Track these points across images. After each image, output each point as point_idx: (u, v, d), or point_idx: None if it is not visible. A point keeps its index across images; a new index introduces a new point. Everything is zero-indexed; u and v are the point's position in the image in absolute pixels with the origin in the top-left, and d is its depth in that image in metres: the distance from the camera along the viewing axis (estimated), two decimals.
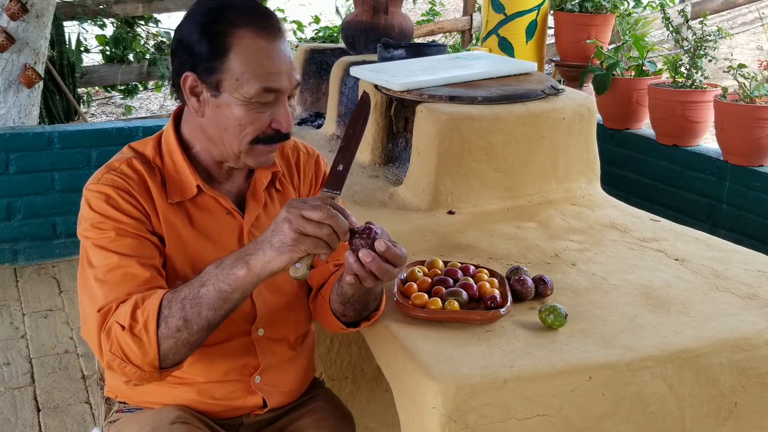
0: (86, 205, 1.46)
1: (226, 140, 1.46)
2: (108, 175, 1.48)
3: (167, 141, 1.54)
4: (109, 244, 1.42)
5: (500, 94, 2.36)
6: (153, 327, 1.32)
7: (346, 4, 7.89)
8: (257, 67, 1.41)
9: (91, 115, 7.26)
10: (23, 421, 2.78)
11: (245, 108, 1.42)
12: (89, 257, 1.44)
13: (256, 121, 1.44)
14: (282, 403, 1.67)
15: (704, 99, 3.63)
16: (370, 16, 3.26)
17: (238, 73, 1.41)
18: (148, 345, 1.33)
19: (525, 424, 1.42)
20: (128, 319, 1.34)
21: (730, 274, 1.86)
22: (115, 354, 1.36)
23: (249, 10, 1.43)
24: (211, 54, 1.41)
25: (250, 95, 1.41)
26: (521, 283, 1.70)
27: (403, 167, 2.52)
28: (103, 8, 6.28)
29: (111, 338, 1.36)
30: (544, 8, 4.15)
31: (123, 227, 1.44)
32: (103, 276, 1.41)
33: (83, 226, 1.46)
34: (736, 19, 8.54)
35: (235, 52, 1.40)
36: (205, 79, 1.43)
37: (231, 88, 1.42)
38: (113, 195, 1.45)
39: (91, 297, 1.41)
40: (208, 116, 1.46)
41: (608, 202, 2.37)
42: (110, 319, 1.37)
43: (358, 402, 2.35)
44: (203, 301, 1.33)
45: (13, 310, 3.62)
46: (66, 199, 4.13)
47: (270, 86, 1.42)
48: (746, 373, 1.58)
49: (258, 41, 1.41)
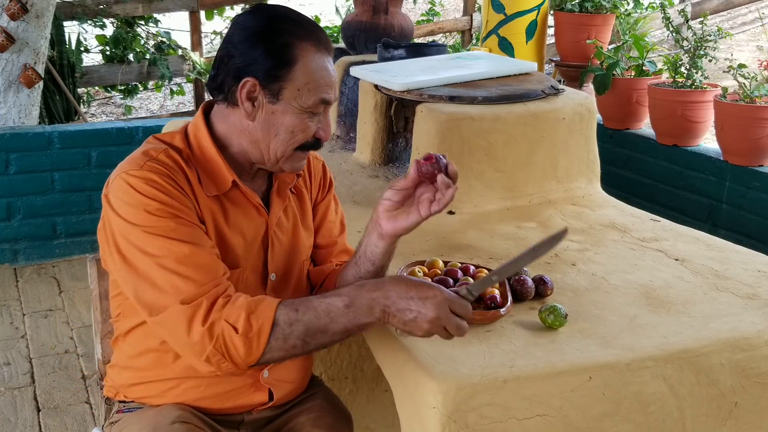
0: (131, 190, 1.44)
1: (273, 145, 1.52)
2: (150, 162, 1.47)
3: (198, 136, 1.56)
4: (170, 232, 1.42)
5: (500, 94, 2.36)
6: (266, 336, 1.38)
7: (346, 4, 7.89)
8: (318, 79, 1.49)
9: (91, 115, 7.27)
10: (23, 421, 2.78)
11: (299, 116, 1.50)
12: (142, 245, 1.42)
13: (307, 129, 1.52)
14: (286, 398, 1.69)
15: (704, 99, 3.63)
16: (370, 16, 3.26)
17: (301, 84, 1.48)
18: (256, 350, 1.39)
19: (525, 424, 1.42)
20: (243, 323, 1.38)
21: (730, 274, 1.86)
22: (218, 350, 1.38)
23: (305, 23, 1.52)
24: (277, 63, 1.48)
25: (308, 105, 1.49)
26: (521, 283, 1.70)
27: (403, 167, 2.52)
28: (103, 8, 6.28)
29: (216, 335, 1.38)
30: (544, 8, 4.15)
31: (179, 214, 1.44)
32: (174, 266, 1.40)
33: (133, 213, 1.43)
34: (736, 19, 8.54)
35: (301, 64, 1.48)
36: (266, 85, 1.49)
37: (290, 96, 1.49)
38: (162, 182, 1.45)
39: (163, 288, 1.40)
40: (260, 121, 1.51)
41: (608, 202, 2.37)
42: (213, 315, 1.38)
43: (358, 402, 2.35)
44: (328, 332, 1.41)
45: (13, 310, 3.62)
46: (66, 199, 4.13)
47: (325, 98, 1.51)
48: (746, 373, 1.58)
49: (319, 55, 1.50)
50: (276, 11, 1.52)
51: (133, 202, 1.43)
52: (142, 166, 1.46)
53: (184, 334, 1.39)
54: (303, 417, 1.70)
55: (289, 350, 1.41)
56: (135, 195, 1.43)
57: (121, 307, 1.60)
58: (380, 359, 1.61)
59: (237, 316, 1.38)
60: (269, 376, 1.64)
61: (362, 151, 2.67)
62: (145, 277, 1.42)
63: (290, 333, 1.39)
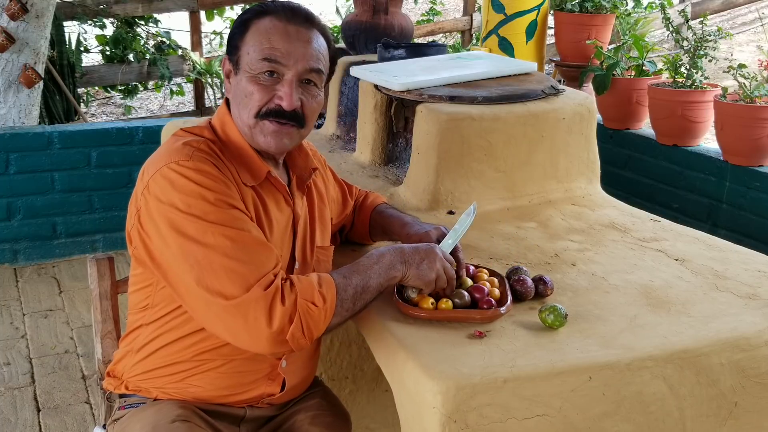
0: (184, 180, 1.44)
1: (241, 115, 1.56)
2: (197, 153, 1.49)
3: (225, 128, 1.59)
4: (228, 221, 1.43)
5: (500, 94, 2.36)
6: (332, 306, 1.46)
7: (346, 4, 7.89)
8: (263, 41, 1.53)
9: (91, 115, 7.27)
10: (23, 421, 2.78)
11: (252, 80, 1.53)
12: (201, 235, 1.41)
13: (258, 92, 1.53)
14: (292, 393, 1.72)
15: (704, 99, 3.63)
16: (370, 16, 3.26)
17: (249, 47, 1.53)
18: (326, 320, 1.46)
19: (525, 424, 1.42)
20: (318, 297, 1.44)
21: (730, 274, 1.86)
22: (298, 327, 1.42)
23: (282, 5, 1.58)
24: (234, 34, 1.57)
25: (256, 67, 1.52)
26: (521, 283, 1.70)
27: (403, 167, 2.52)
28: (103, 8, 6.28)
29: (298, 313, 1.42)
30: (544, 8, 4.15)
31: (233, 204, 1.47)
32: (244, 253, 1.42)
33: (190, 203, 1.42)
34: (736, 19, 8.54)
35: (252, 30, 1.54)
36: (231, 58, 1.57)
37: (244, 63, 1.54)
38: (214, 172, 1.47)
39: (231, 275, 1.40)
40: (232, 95, 1.58)
41: (608, 202, 2.37)
42: (289, 295, 1.42)
43: (358, 402, 2.35)
44: (369, 290, 1.51)
45: (13, 310, 3.62)
46: (66, 199, 4.14)
47: (269, 57, 1.51)
48: (746, 373, 1.58)
49: (274, 21, 1.54)
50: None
51: (189, 192, 1.43)
52: (191, 156, 1.47)
53: (264, 322, 1.39)
54: (301, 415, 1.72)
55: (345, 314, 1.49)
56: (189, 185, 1.44)
57: (150, 299, 1.59)
58: (380, 359, 1.61)
59: (312, 292, 1.44)
60: (286, 365, 1.67)
61: (362, 151, 2.67)
62: (210, 266, 1.41)
63: (346, 297, 1.48)
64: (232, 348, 1.56)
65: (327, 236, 1.80)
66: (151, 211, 1.46)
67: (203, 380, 1.59)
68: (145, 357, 1.62)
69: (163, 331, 1.59)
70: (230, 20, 7.59)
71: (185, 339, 1.57)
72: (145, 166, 1.53)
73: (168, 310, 1.57)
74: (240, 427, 1.66)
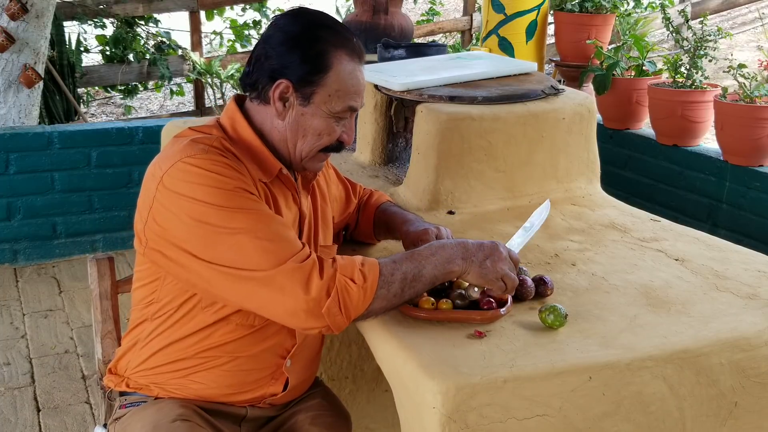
0: (203, 171, 1.46)
1: (299, 145, 1.60)
2: (212, 149, 1.51)
3: (237, 128, 1.60)
4: (253, 205, 1.47)
5: (500, 94, 2.36)
6: (374, 287, 1.46)
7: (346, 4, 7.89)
8: (349, 87, 1.57)
9: (91, 115, 7.27)
10: (23, 421, 2.78)
11: (326, 120, 1.58)
12: (227, 222, 1.43)
13: (333, 132, 1.59)
14: (294, 393, 1.73)
15: (704, 99, 3.63)
16: (370, 16, 3.26)
17: (332, 90, 1.56)
18: (367, 300, 1.46)
19: (525, 424, 1.42)
20: (359, 275, 1.45)
21: (730, 274, 1.86)
22: (336, 302, 1.43)
23: (342, 31, 1.60)
24: (312, 69, 1.54)
25: (336, 111, 1.57)
26: (521, 283, 1.70)
27: (403, 167, 2.52)
28: (103, 8, 6.28)
29: (336, 287, 1.43)
30: (544, 8, 4.15)
31: (252, 192, 1.50)
32: (268, 233, 1.44)
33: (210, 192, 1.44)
34: (736, 19, 8.55)
35: (334, 71, 1.55)
36: (299, 89, 1.56)
37: (321, 101, 1.56)
38: (231, 163, 1.50)
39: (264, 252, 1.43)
40: (288, 121, 1.58)
41: (608, 202, 2.37)
42: (328, 269, 1.44)
43: (358, 402, 2.35)
44: (421, 279, 1.50)
45: (13, 310, 3.62)
46: (66, 199, 4.14)
47: (353, 105, 1.59)
48: (746, 373, 1.58)
49: (352, 63, 1.57)
50: (315, 17, 1.59)
51: (208, 183, 1.45)
52: (207, 151, 1.50)
53: (301, 291, 1.41)
54: (302, 415, 1.72)
55: (391, 299, 1.48)
56: (208, 176, 1.46)
57: (156, 294, 1.60)
58: (380, 359, 1.61)
59: (352, 269, 1.45)
60: (291, 365, 1.68)
61: (362, 151, 2.67)
62: (240, 249, 1.43)
63: (393, 281, 1.48)
64: (237, 345, 1.57)
65: (329, 235, 1.81)
66: (169, 206, 1.47)
67: (207, 377, 1.59)
68: (148, 352, 1.62)
69: (167, 326, 1.59)
70: (230, 20, 7.59)
71: (190, 336, 1.58)
72: (153, 165, 1.54)
73: (174, 306, 1.58)
74: (240, 427, 1.67)
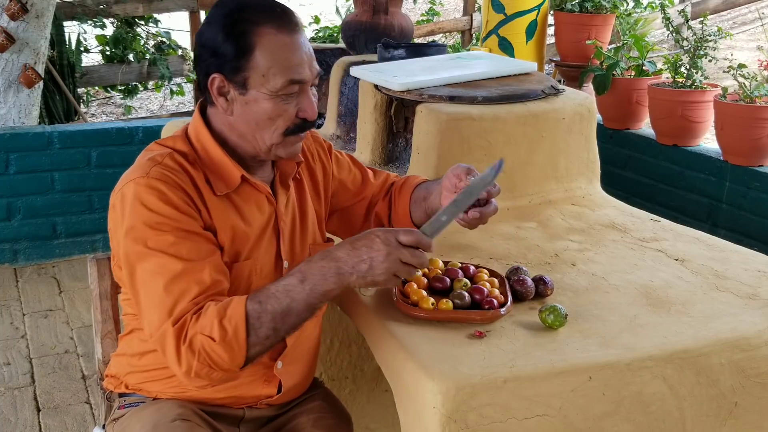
0: (137, 202, 1.44)
1: (258, 135, 1.52)
2: (156, 168, 1.47)
3: (199, 136, 1.56)
4: (168, 247, 1.42)
5: (500, 94, 2.36)
6: (243, 336, 1.38)
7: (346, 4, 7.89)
8: (282, 60, 1.47)
9: (91, 115, 7.27)
10: (23, 421, 2.78)
11: (273, 101, 1.49)
12: (142, 262, 1.43)
13: (285, 112, 1.50)
14: (290, 395, 1.70)
15: (704, 99, 3.63)
16: (370, 16, 3.26)
17: (264, 69, 1.47)
18: (238, 352, 1.39)
19: (525, 424, 1.42)
20: (217, 330, 1.37)
21: (730, 274, 1.86)
22: (203, 363, 1.39)
23: (268, 7, 1.50)
24: (237, 53, 1.47)
25: (277, 88, 1.48)
26: (521, 283, 1.70)
27: (403, 167, 2.52)
28: (103, 8, 6.28)
29: (197, 350, 1.38)
30: (544, 8, 4.15)
31: (180, 226, 1.44)
32: (168, 284, 1.41)
33: (134, 226, 1.44)
34: (736, 19, 8.54)
35: (260, 48, 1.47)
36: (232, 78, 1.49)
37: (258, 84, 1.48)
38: (165, 191, 1.45)
39: (157, 306, 1.41)
40: (237, 114, 1.52)
41: (608, 202, 2.37)
42: (190, 330, 1.38)
43: (358, 402, 2.35)
44: (293, 313, 1.41)
45: (13, 310, 3.62)
46: (66, 199, 4.13)
47: (294, 78, 1.48)
48: (746, 373, 1.58)
49: (280, 36, 1.48)
50: (234, 2, 1.50)
51: (139, 214, 1.44)
52: (148, 173, 1.46)
53: (173, 355, 1.39)
54: (303, 418, 1.71)
55: (265, 341, 1.41)
56: (138, 207, 1.44)
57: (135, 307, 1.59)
58: (380, 359, 1.61)
59: (210, 325, 1.38)
60: (282, 367, 1.65)
61: (362, 151, 2.67)
62: (145, 293, 1.44)
63: (260, 325, 1.39)
64: None
65: (320, 230, 1.75)
66: (112, 228, 1.51)
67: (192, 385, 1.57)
68: (140, 361, 1.62)
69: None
70: None
71: None
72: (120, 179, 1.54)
73: None
74: (239, 428, 1.66)
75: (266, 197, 1.60)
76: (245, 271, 1.54)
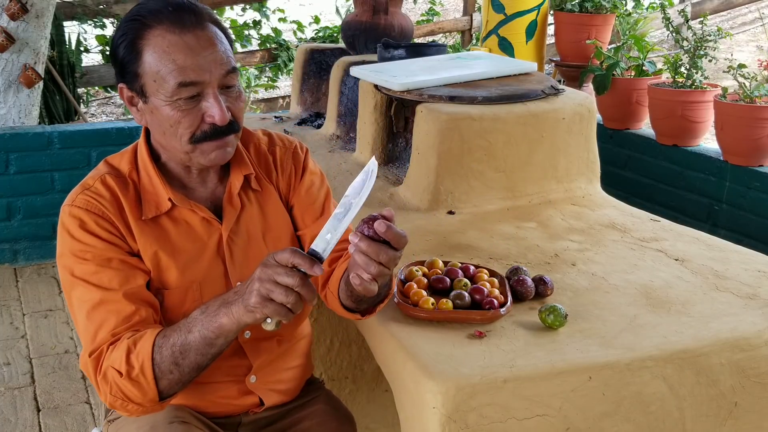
0: (63, 230, 1.45)
1: (169, 143, 1.44)
2: (81, 196, 1.45)
3: (140, 153, 1.51)
4: (90, 276, 1.41)
5: (500, 94, 2.36)
6: (149, 371, 1.34)
7: (346, 4, 7.89)
8: (168, 63, 1.36)
9: (91, 115, 7.27)
10: (23, 421, 2.78)
11: (171, 107, 1.39)
12: (71, 289, 1.43)
13: (184, 118, 1.39)
14: (280, 401, 1.66)
15: (704, 99, 3.63)
16: (370, 16, 3.26)
17: (154, 74, 1.38)
18: (147, 387, 1.36)
19: (525, 424, 1.42)
20: (124, 365, 1.34)
21: (730, 274, 1.86)
22: (116, 396, 1.38)
23: (162, 7, 1.39)
24: (130, 60, 1.39)
25: (171, 93, 1.37)
26: (521, 283, 1.70)
27: (403, 167, 2.52)
28: (103, 8, 6.28)
29: (109, 382, 1.37)
30: (544, 8, 4.15)
31: (101, 254, 1.41)
32: (89, 314, 1.40)
33: (63, 253, 1.45)
34: (736, 19, 8.55)
35: (147, 52, 1.38)
36: (133, 86, 1.42)
37: (153, 90, 1.39)
38: (87, 220, 1.43)
39: (83, 334, 1.42)
40: (149, 123, 1.45)
41: (608, 202, 2.37)
42: (104, 363, 1.37)
43: (358, 402, 2.35)
44: (191, 347, 1.35)
45: (13, 310, 3.62)
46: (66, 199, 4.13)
47: (185, 80, 1.37)
48: (746, 373, 1.58)
49: (167, 37, 1.37)
50: (134, 9, 1.42)
51: (64, 242, 1.45)
52: (74, 201, 1.45)
53: (94, 383, 1.40)
54: (306, 422, 1.67)
55: (169, 376, 1.35)
56: (64, 235, 1.45)
57: None
58: (380, 359, 1.61)
59: (120, 360, 1.35)
60: (257, 381, 1.59)
61: (362, 151, 2.67)
62: (74, 320, 1.44)
63: (161, 359, 1.34)
64: None
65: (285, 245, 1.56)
66: None
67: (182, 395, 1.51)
68: None
69: None
70: (231, 20, 7.59)
71: None
72: None
73: None
74: (238, 430, 1.64)
75: (206, 220, 1.50)
76: (179, 298, 1.47)
